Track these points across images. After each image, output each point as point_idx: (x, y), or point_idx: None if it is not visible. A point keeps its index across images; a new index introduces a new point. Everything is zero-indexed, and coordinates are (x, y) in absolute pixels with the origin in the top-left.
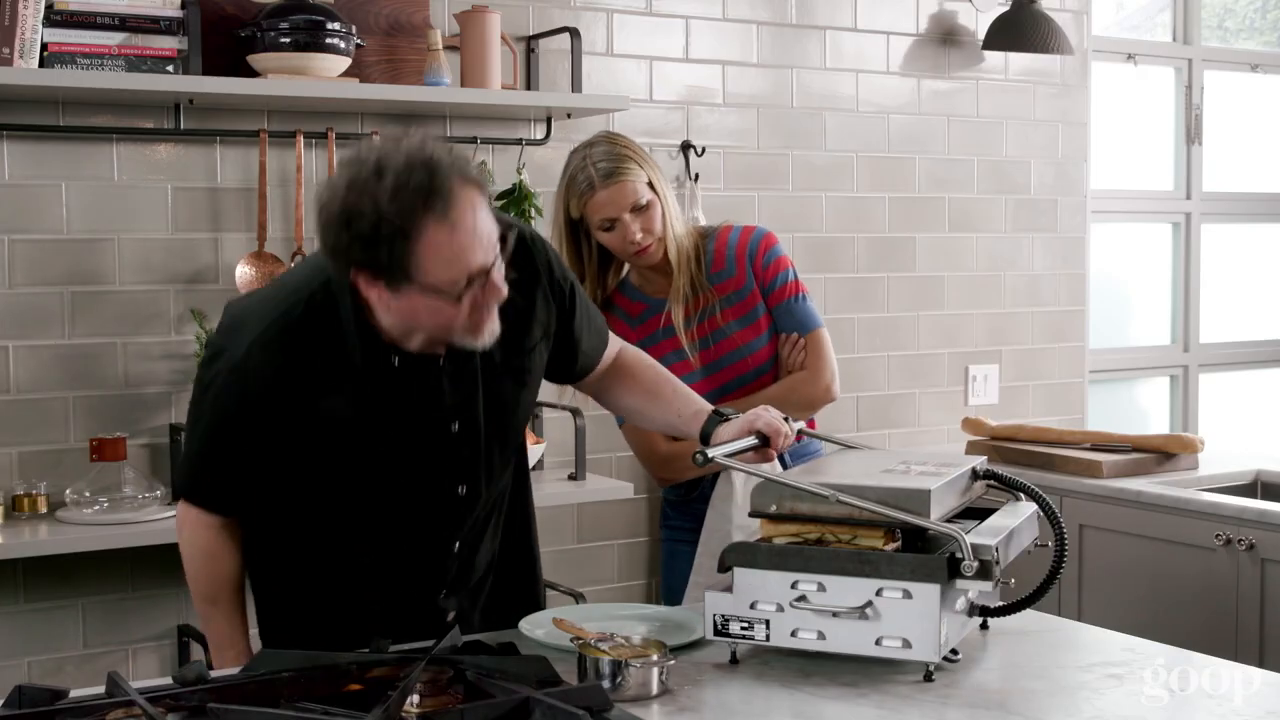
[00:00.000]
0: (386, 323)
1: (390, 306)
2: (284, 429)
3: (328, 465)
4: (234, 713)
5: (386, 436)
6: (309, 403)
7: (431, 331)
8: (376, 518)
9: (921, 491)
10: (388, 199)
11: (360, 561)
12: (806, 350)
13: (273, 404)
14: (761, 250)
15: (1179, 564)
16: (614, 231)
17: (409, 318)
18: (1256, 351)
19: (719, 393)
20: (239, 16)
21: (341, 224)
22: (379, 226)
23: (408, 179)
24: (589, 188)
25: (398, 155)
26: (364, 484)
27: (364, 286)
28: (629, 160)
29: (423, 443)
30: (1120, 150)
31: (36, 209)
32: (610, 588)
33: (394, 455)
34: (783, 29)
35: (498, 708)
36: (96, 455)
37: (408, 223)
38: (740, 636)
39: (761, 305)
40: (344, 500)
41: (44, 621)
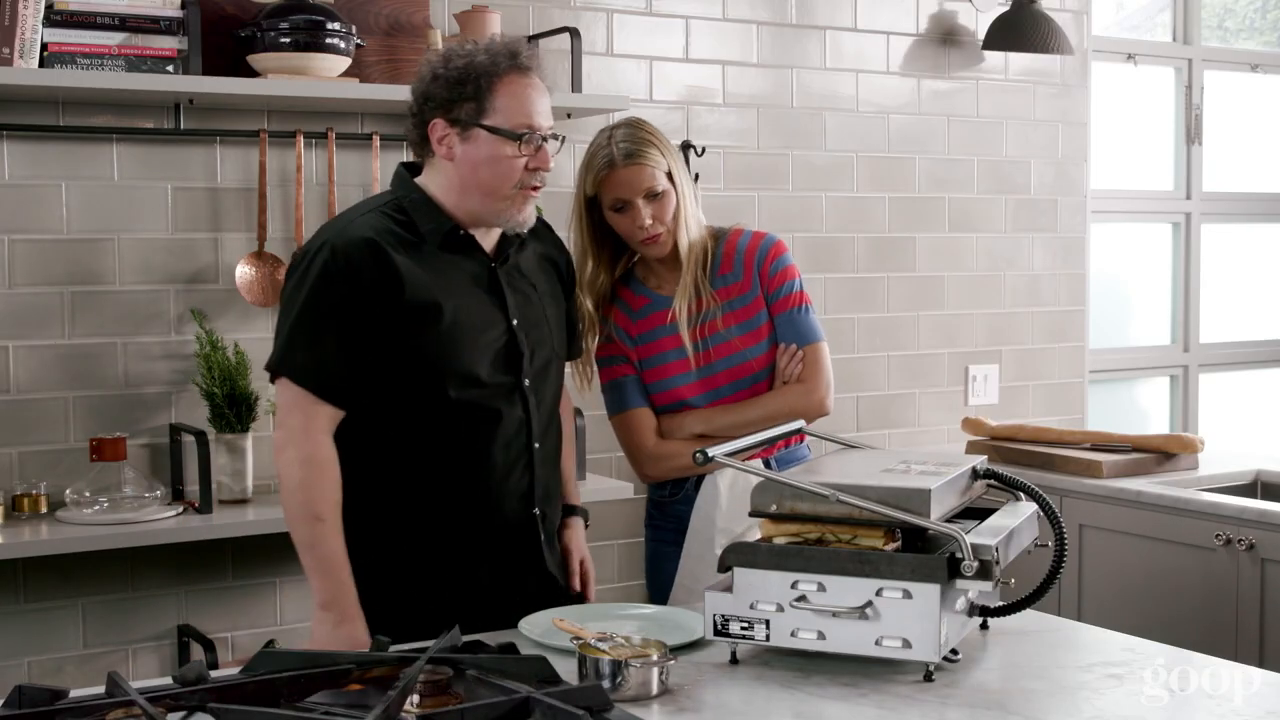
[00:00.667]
0: (448, 186)
1: (455, 154)
2: (378, 299)
3: (414, 348)
4: (234, 713)
5: (459, 317)
6: (396, 272)
7: (487, 187)
8: (461, 412)
9: (921, 491)
10: (476, 52)
11: (452, 470)
12: (804, 362)
13: (367, 273)
14: (770, 257)
15: (1179, 564)
16: (625, 214)
17: (470, 168)
18: (1256, 351)
19: (713, 396)
20: (239, 16)
21: (431, 77)
22: (468, 69)
23: (502, 47)
24: (607, 166)
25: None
26: (447, 371)
27: (436, 140)
28: (652, 146)
29: (490, 330)
30: (1120, 150)
31: (36, 209)
32: (610, 588)
33: (467, 338)
34: (783, 29)
35: (498, 708)
36: (96, 455)
37: (494, 67)
38: (740, 636)
39: (764, 313)
40: (431, 393)
41: (44, 621)
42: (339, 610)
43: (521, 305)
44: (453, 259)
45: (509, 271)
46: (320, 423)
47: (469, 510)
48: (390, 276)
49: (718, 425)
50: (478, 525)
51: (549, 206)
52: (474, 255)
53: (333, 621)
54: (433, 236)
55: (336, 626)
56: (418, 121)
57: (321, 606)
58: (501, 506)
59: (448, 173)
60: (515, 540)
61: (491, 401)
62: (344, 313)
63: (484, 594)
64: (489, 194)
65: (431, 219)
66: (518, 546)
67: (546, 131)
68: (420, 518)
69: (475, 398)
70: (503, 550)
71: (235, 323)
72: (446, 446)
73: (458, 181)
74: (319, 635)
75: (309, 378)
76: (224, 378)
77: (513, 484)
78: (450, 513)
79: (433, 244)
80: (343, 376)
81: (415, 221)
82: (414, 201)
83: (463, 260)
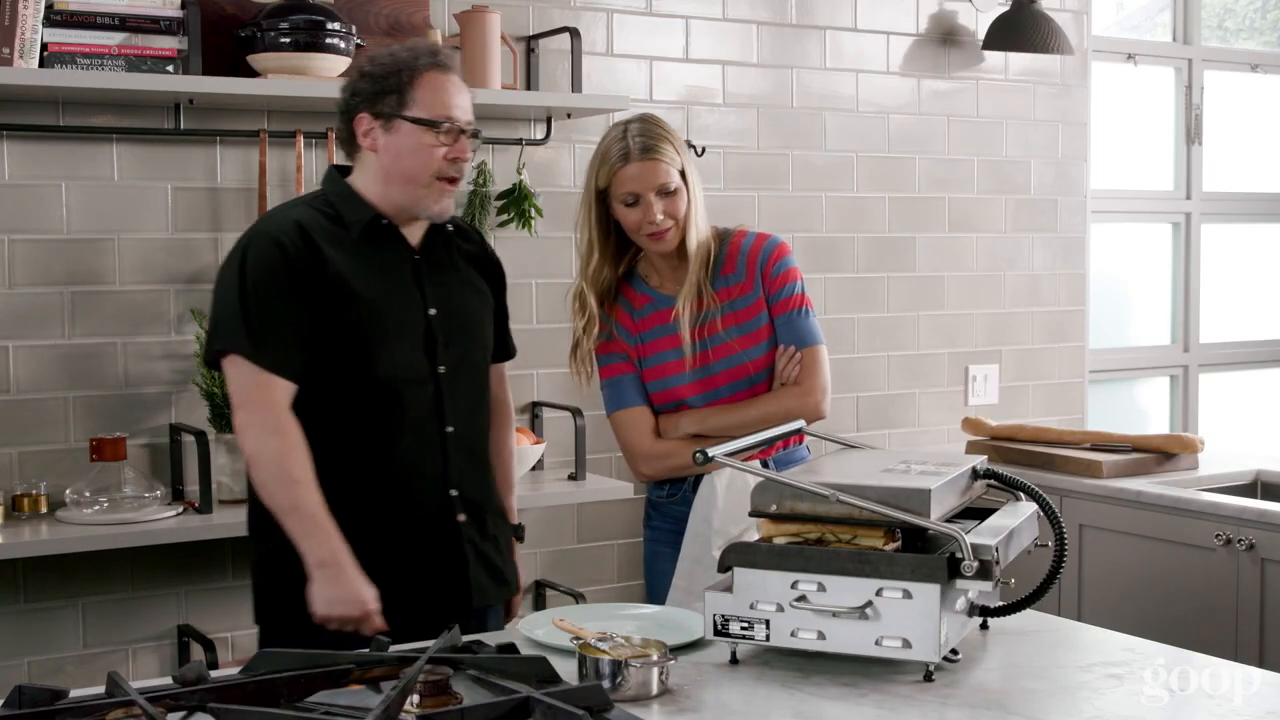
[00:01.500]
0: (372, 178)
1: (379, 145)
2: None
3: (336, 328)
4: (234, 713)
5: (378, 302)
6: (321, 253)
7: (408, 175)
8: (384, 392)
9: (921, 491)
10: (401, 51)
11: (373, 450)
12: (801, 365)
13: (295, 253)
14: (773, 259)
15: (1179, 564)
16: (636, 208)
17: (392, 157)
18: (1256, 351)
19: (710, 396)
20: (239, 16)
21: (360, 74)
22: (389, 66)
23: (423, 47)
24: (623, 159)
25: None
26: (371, 351)
27: (361, 134)
28: (667, 142)
29: (407, 317)
30: (1120, 150)
31: (36, 209)
32: (610, 588)
33: (385, 322)
34: (783, 29)
35: (498, 708)
36: (96, 455)
37: (414, 62)
38: (740, 636)
39: (764, 314)
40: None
41: (44, 621)
42: (336, 565)
43: (442, 297)
44: (375, 248)
45: (432, 264)
46: (279, 396)
47: (384, 491)
48: (315, 257)
49: (712, 425)
50: (393, 506)
51: (548, 206)
52: (397, 246)
53: (332, 578)
54: (355, 226)
55: (337, 582)
56: (344, 118)
57: (318, 565)
58: (416, 488)
59: (372, 165)
60: (433, 522)
61: (405, 386)
62: (281, 291)
63: (406, 579)
64: (410, 182)
65: (356, 210)
66: (436, 530)
67: (465, 125)
68: (339, 498)
69: (392, 381)
70: (421, 533)
71: None
72: (363, 428)
73: (381, 172)
74: (322, 595)
75: (261, 354)
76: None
77: (425, 465)
78: (367, 493)
79: (355, 232)
80: (290, 351)
81: (340, 213)
82: (339, 194)
83: (385, 250)
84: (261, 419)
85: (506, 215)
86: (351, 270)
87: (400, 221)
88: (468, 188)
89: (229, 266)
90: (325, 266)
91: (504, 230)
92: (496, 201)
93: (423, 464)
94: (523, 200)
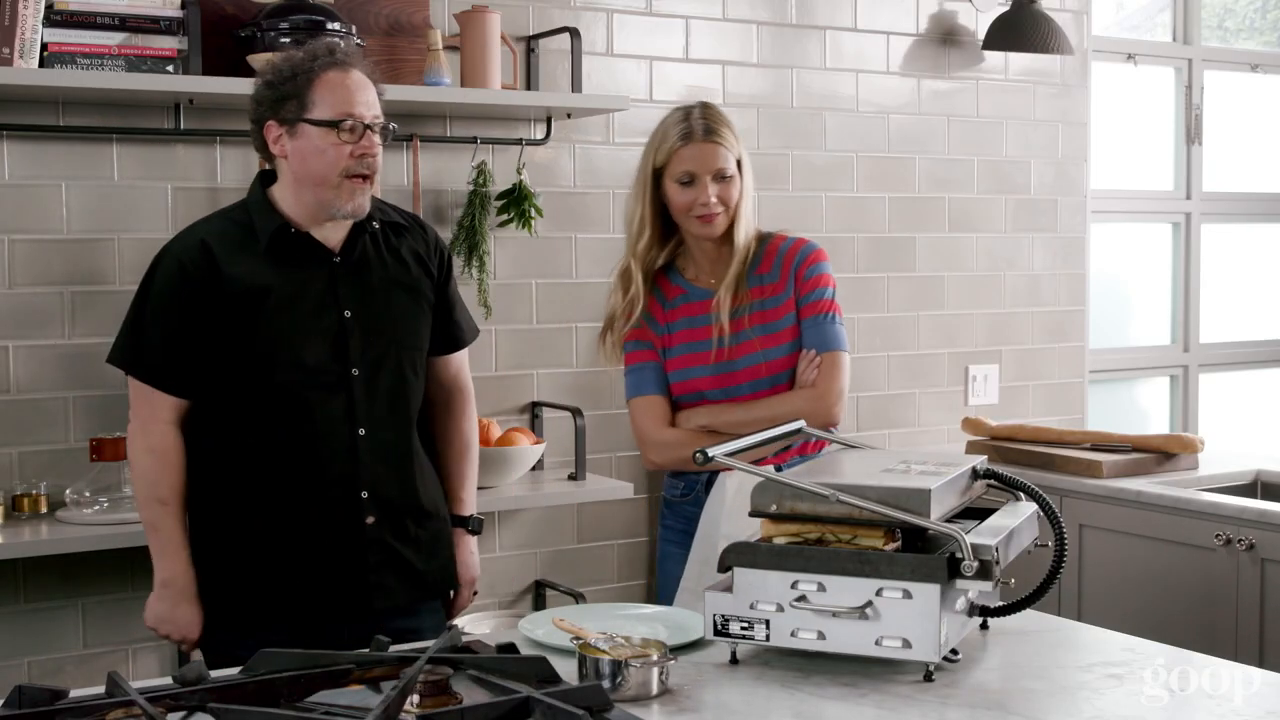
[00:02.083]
0: (285, 184)
1: (287, 151)
2: (204, 294)
3: (242, 336)
4: (234, 713)
5: (285, 306)
6: (221, 270)
7: (316, 177)
8: (286, 398)
9: (921, 491)
10: (298, 54)
11: (280, 455)
12: (820, 369)
13: (194, 271)
14: (808, 262)
15: (1179, 564)
16: (690, 188)
17: (299, 161)
18: (1256, 351)
19: (729, 393)
20: (239, 16)
21: (263, 84)
22: (286, 72)
23: (322, 47)
24: (685, 138)
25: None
26: (272, 359)
27: (271, 141)
28: (728, 130)
29: (319, 322)
30: (1120, 150)
31: (36, 209)
32: (610, 588)
33: (293, 325)
34: (783, 29)
35: (498, 708)
36: (96, 455)
37: (310, 64)
38: (740, 636)
39: (792, 316)
40: (259, 380)
41: (44, 621)
42: (176, 590)
43: (359, 297)
44: (288, 255)
45: (352, 265)
46: (162, 413)
47: (295, 495)
48: (216, 275)
49: (724, 421)
50: (303, 510)
51: (548, 206)
52: (311, 251)
53: (170, 600)
54: (264, 235)
55: (174, 606)
56: (256, 128)
57: (161, 584)
58: (321, 491)
59: (284, 172)
60: (335, 526)
61: (314, 389)
62: (175, 309)
63: (305, 581)
64: (319, 184)
65: (266, 219)
66: (337, 533)
67: (369, 120)
68: (252, 503)
69: (299, 383)
70: (324, 536)
71: None
72: (273, 431)
73: (292, 177)
74: (155, 611)
75: (143, 370)
76: None
77: (333, 469)
78: (278, 498)
79: (264, 242)
80: (175, 368)
81: (254, 222)
82: (255, 204)
83: (296, 257)
84: (144, 434)
85: (506, 215)
86: (257, 281)
87: (315, 225)
88: (468, 188)
89: (142, 281)
90: (224, 285)
91: (504, 230)
92: (496, 201)
93: (331, 467)
94: (523, 200)
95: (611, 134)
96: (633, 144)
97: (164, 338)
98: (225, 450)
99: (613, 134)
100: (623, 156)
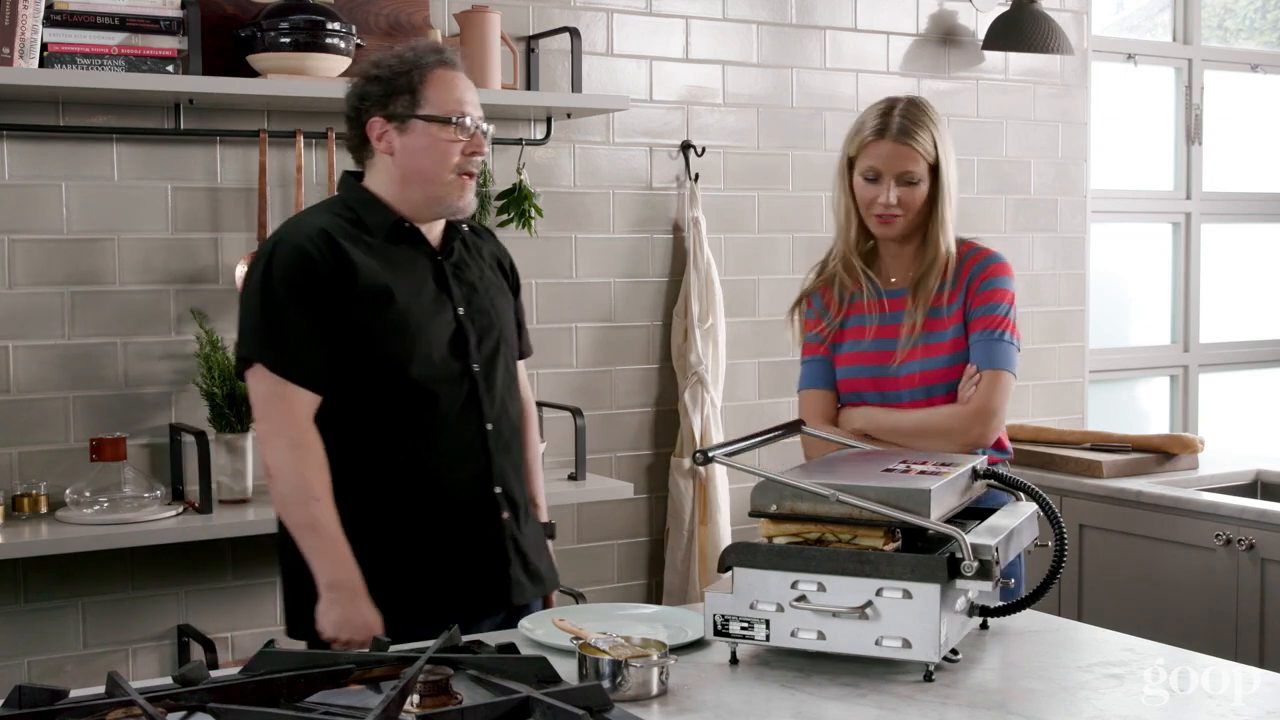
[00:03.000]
0: (390, 181)
1: (395, 147)
2: (335, 286)
3: (369, 333)
4: (234, 713)
5: (409, 304)
6: (350, 260)
7: (428, 174)
8: (421, 394)
9: (921, 491)
10: (406, 51)
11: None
12: (979, 386)
13: (323, 261)
14: (986, 274)
15: (1179, 564)
16: (873, 185)
17: (409, 158)
18: (1256, 351)
19: (887, 397)
20: (239, 16)
21: (366, 79)
22: (397, 68)
23: (428, 46)
24: (877, 134)
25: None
26: (408, 354)
27: (375, 137)
28: (927, 132)
29: (438, 317)
30: (1120, 150)
31: (36, 209)
32: (610, 588)
33: (417, 324)
34: (783, 29)
35: (498, 708)
36: (96, 455)
37: (421, 62)
38: (740, 636)
39: (959, 326)
40: (393, 376)
41: (44, 621)
42: (350, 590)
43: (467, 295)
44: (399, 251)
45: (454, 264)
46: (301, 409)
47: (434, 492)
48: (344, 264)
49: (878, 425)
50: (436, 509)
51: (548, 206)
52: (419, 248)
53: (345, 602)
54: (379, 230)
55: (351, 607)
56: (355, 124)
57: (329, 587)
58: (458, 489)
59: (388, 169)
60: (477, 522)
61: (441, 385)
62: (307, 299)
63: (449, 579)
64: (430, 181)
65: (377, 214)
66: (480, 528)
67: (478, 120)
68: (381, 503)
69: (428, 381)
70: (466, 533)
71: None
72: (402, 430)
73: (399, 174)
74: (331, 618)
75: (285, 365)
76: (224, 378)
77: (468, 464)
78: (417, 496)
79: (379, 237)
80: (315, 361)
81: (362, 217)
82: (359, 200)
83: (409, 252)
84: (283, 431)
85: (506, 215)
86: (381, 273)
87: (420, 223)
88: None
89: (253, 275)
90: (354, 272)
91: (504, 230)
92: (496, 201)
93: (465, 463)
94: (523, 200)
95: (611, 134)
96: (633, 144)
97: (300, 326)
98: (357, 450)
99: (613, 134)
100: (623, 156)
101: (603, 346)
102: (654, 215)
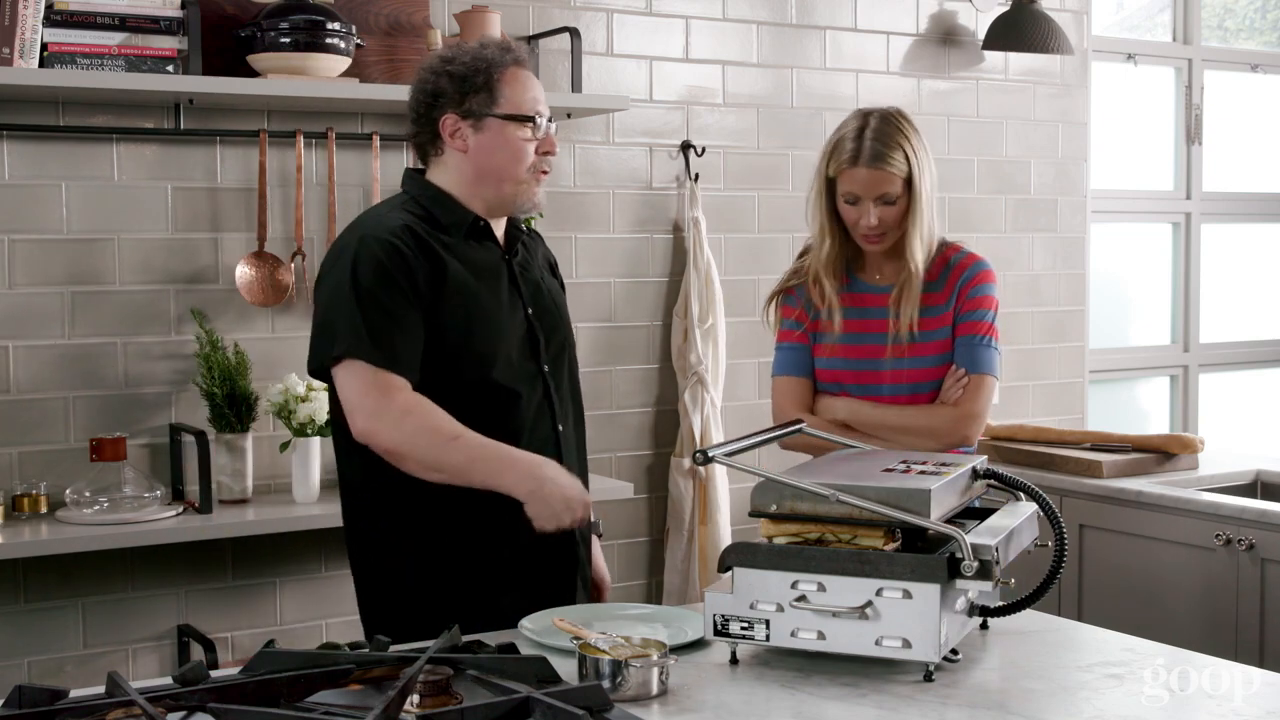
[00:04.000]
0: (461, 179)
1: (469, 145)
2: (424, 280)
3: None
4: (234, 713)
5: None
6: (438, 255)
7: (504, 172)
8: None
9: (921, 491)
10: (479, 49)
11: None
12: (965, 389)
13: (411, 256)
14: (976, 281)
15: (1179, 564)
16: (855, 207)
17: (485, 155)
18: (1256, 351)
19: (869, 390)
20: (239, 16)
21: (439, 71)
22: (472, 65)
23: (498, 44)
24: (851, 161)
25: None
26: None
27: (448, 134)
28: (899, 150)
29: (513, 316)
30: (1120, 150)
31: (36, 209)
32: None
33: (497, 322)
34: (783, 29)
35: (498, 708)
36: (96, 455)
37: (496, 60)
38: (740, 636)
39: (947, 330)
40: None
41: (44, 621)
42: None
43: (534, 295)
44: (475, 249)
45: (520, 264)
46: (398, 392)
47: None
48: (435, 261)
49: (863, 419)
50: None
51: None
52: (492, 247)
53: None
54: (456, 228)
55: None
56: (425, 121)
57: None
58: None
59: (460, 166)
60: None
61: (519, 384)
62: (403, 294)
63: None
64: (505, 179)
65: (453, 211)
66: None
67: (549, 118)
68: (460, 505)
69: (512, 379)
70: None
71: (235, 323)
72: (486, 431)
73: (472, 172)
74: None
75: (383, 355)
76: (224, 378)
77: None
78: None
79: (457, 235)
80: (414, 357)
81: (435, 215)
82: (431, 197)
83: (483, 251)
84: (386, 411)
85: None
86: (465, 273)
87: (490, 220)
88: None
89: (337, 272)
90: (445, 270)
91: None
92: None
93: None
94: None
95: (611, 134)
96: (633, 144)
97: (398, 321)
98: None
99: (613, 134)
100: (623, 156)
101: (603, 346)
102: (654, 215)
